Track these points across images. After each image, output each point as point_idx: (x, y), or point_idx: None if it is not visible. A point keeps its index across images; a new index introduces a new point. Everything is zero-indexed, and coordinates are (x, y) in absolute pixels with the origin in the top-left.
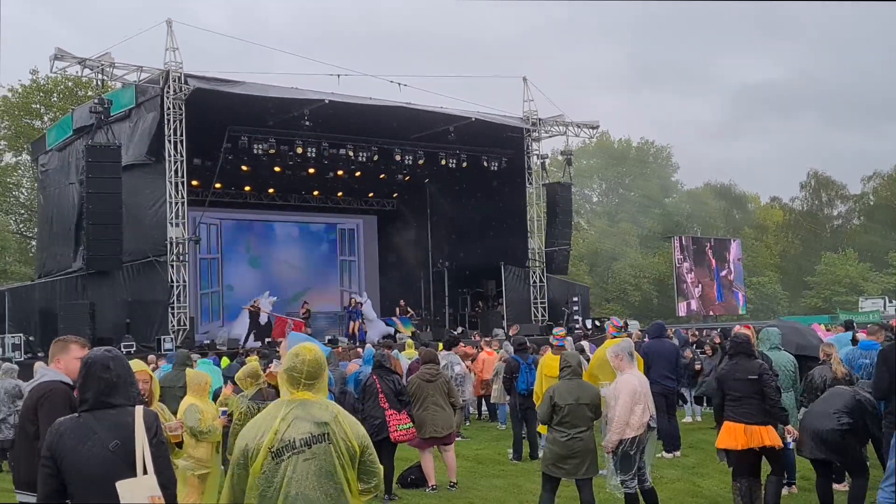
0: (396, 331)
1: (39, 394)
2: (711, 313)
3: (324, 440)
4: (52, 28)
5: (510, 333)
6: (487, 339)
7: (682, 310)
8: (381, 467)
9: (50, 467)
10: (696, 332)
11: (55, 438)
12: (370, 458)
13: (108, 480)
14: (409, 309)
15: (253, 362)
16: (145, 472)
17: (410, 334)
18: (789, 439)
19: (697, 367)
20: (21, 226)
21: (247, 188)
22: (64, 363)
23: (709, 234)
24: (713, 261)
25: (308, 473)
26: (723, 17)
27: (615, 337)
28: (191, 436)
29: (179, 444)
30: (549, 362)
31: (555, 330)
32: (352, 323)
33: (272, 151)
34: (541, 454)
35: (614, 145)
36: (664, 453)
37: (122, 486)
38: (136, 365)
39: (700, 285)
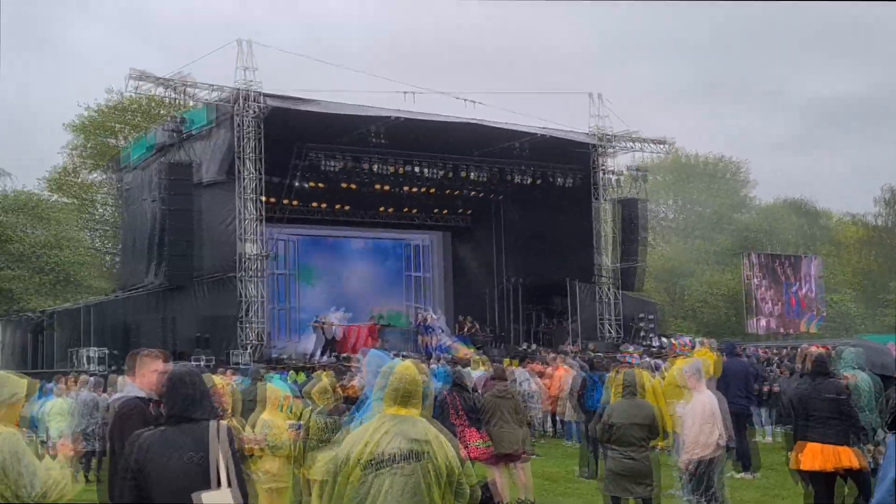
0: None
1: (122, 411)
2: (784, 331)
3: (417, 458)
4: (131, 49)
5: (578, 354)
6: (557, 355)
7: (753, 327)
8: (472, 490)
9: (133, 480)
10: (769, 350)
11: (140, 451)
12: (461, 481)
13: (189, 492)
14: (473, 323)
15: (325, 378)
16: (224, 485)
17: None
18: (880, 460)
19: (775, 388)
20: (102, 242)
21: (319, 205)
22: (139, 376)
23: (783, 250)
24: (787, 278)
25: (400, 489)
26: (795, 30)
27: (680, 356)
28: (259, 450)
29: (250, 457)
30: (619, 380)
31: (628, 348)
32: (422, 338)
33: (344, 168)
34: None
35: (686, 161)
36: (739, 473)
37: (203, 498)
38: (215, 380)
39: (773, 303)
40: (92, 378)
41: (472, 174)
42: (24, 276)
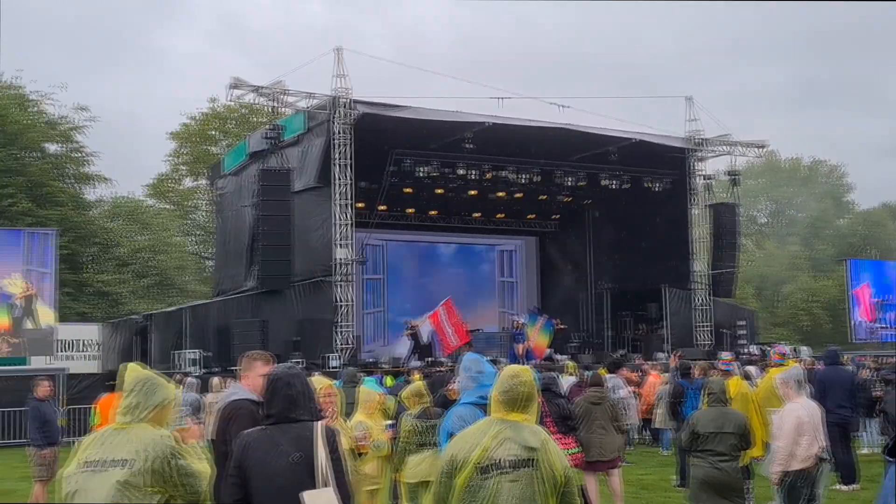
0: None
1: (228, 413)
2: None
3: (530, 465)
4: (229, 59)
5: (671, 364)
6: (650, 362)
7: (855, 336)
8: (579, 501)
9: (237, 476)
10: (875, 360)
11: (243, 450)
12: (571, 490)
13: (292, 491)
14: (562, 324)
15: (418, 381)
16: (326, 484)
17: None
18: None
19: (877, 394)
20: (199, 246)
21: (410, 210)
22: (250, 379)
23: (885, 257)
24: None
25: (511, 495)
26: (893, 31)
27: (779, 364)
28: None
29: (361, 455)
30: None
31: (722, 355)
32: (517, 345)
33: (435, 174)
34: None
35: (782, 165)
36: (840, 485)
37: (307, 497)
38: (320, 381)
39: (875, 311)
40: (196, 379)
41: (563, 179)
42: (129, 280)
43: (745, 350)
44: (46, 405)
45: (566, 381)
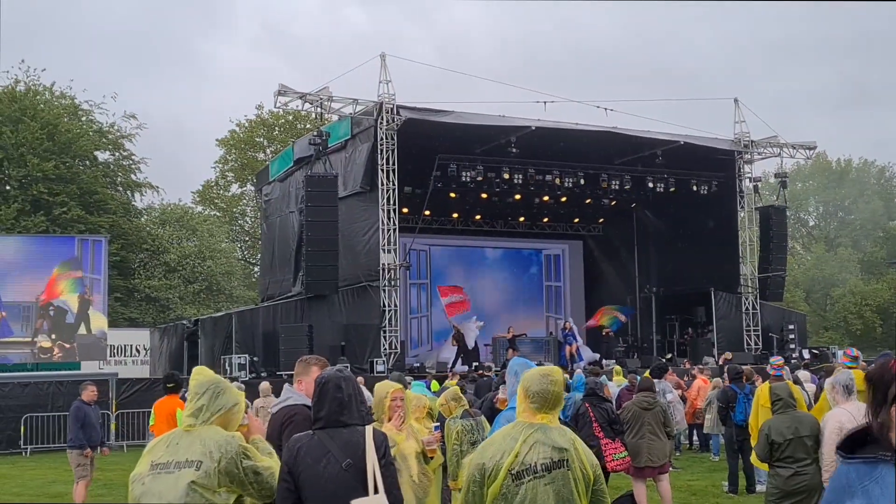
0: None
1: (283, 417)
2: None
3: (563, 466)
4: (274, 67)
5: (720, 362)
6: (698, 366)
7: None
8: (609, 498)
9: (288, 482)
10: None
11: (293, 455)
12: (601, 488)
13: (342, 498)
14: (608, 327)
15: (453, 385)
16: (376, 491)
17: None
18: None
19: None
20: (246, 252)
21: (454, 215)
22: (305, 384)
23: None
24: None
25: (547, 498)
26: None
27: (848, 366)
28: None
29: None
30: (764, 392)
31: (772, 359)
32: (567, 347)
33: (480, 178)
34: (759, 488)
35: (832, 166)
36: None
37: None
38: (390, 385)
39: None
40: (239, 384)
41: (608, 182)
42: (178, 285)
43: (795, 354)
44: (90, 408)
45: (614, 386)
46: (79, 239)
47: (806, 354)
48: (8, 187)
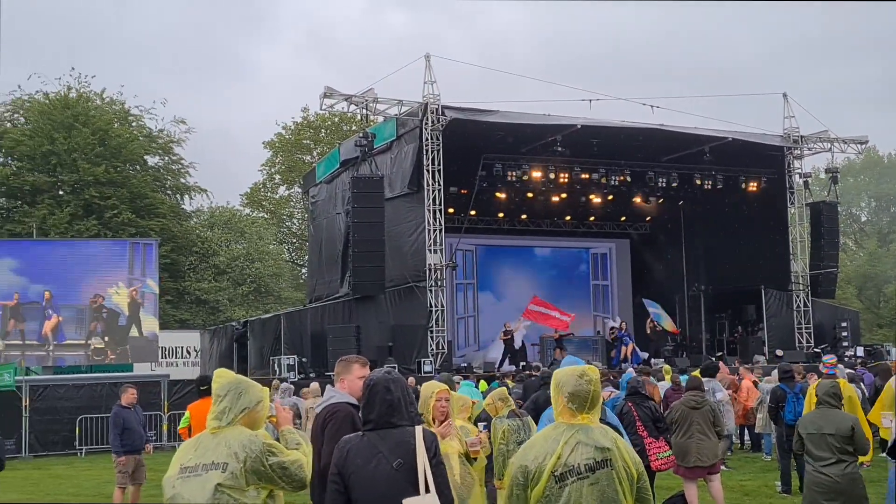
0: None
1: (325, 415)
2: None
3: (606, 466)
4: (318, 71)
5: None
6: (748, 365)
7: None
8: (652, 496)
9: (338, 483)
10: None
11: (342, 456)
12: (644, 486)
13: (393, 498)
14: (654, 322)
15: (501, 388)
16: (427, 490)
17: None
18: None
19: None
20: (293, 254)
21: (500, 214)
22: (347, 382)
23: None
24: None
25: (592, 499)
26: None
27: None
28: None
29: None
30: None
31: (825, 357)
32: (623, 348)
33: (525, 178)
34: None
35: (884, 161)
36: None
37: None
38: (434, 386)
39: None
40: (288, 384)
41: (655, 180)
42: (227, 287)
43: (849, 352)
44: (129, 412)
45: (665, 386)
46: (130, 242)
47: (860, 352)
48: (61, 192)
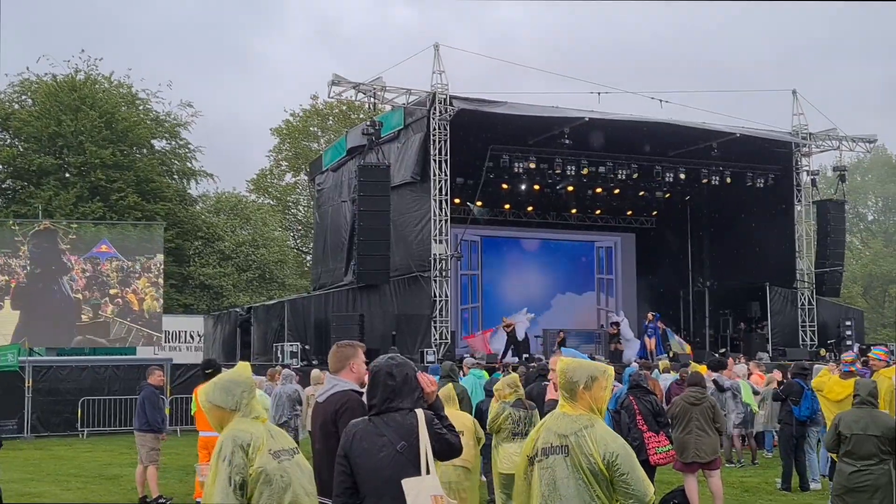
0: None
1: (338, 404)
2: None
3: (559, 453)
4: (325, 64)
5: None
6: (753, 362)
7: None
8: (646, 490)
9: (344, 466)
10: None
11: (349, 440)
12: (624, 479)
13: (397, 480)
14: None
15: (513, 374)
16: (428, 471)
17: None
18: None
19: None
20: (298, 241)
21: (506, 206)
22: (357, 366)
23: None
24: None
25: (544, 482)
26: None
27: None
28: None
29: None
30: (832, 386)
31: (843, 355)
32: (648, 340)
33: (532, 169)
34: (813, 486)
35: (892, 160)
36: None
37: (408, 484)
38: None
39: None
40: (294, 372)
41: (662, 175)
42: (231, 273)
43: (853, 351)
44: (158, 393)
45: (664, 379)
46: (135, 226)
47: (854, 350)
48: (67, 174)
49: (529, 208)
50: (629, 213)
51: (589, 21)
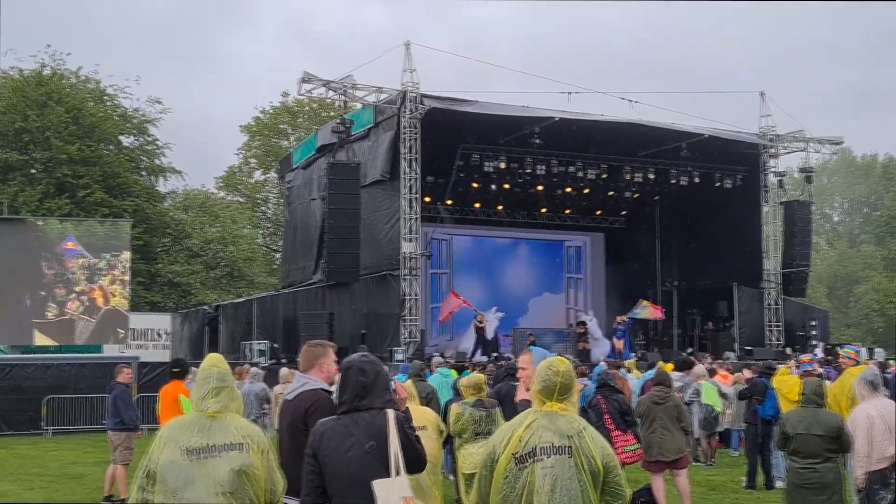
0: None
1: (309, 402)
2: None
3: (563, 453)
4: (296, 63)
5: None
6: (719, 361)
7: None
8: (628, 491)
9: (313, 465)
10: None
11: (317, 439)
12: (615, 480)
13: (366, 480)
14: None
15: (478, 374)
16: (398, 472)
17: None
18: None
19: None
20: (267, 239)
21: (476, 205)
22: (326, 366)
23: None
24: None
25: (547, 484)
26: None
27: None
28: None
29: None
30: (791, 385)
31: (802, 355)
32: (617, 341)
33: (502, 168)
34: (778, 484)
35: (857, 162)
36: None
37: (378, 486)
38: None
39: None
40: (258, 370)
41: (632, 175)
42: (199, 270)
43: (818, 350)
44: (129, 390)
45: (633, 379)
46: (102, 222)
47: (819, 351)
48: (33, 170)
49: (499, 207)
50: (598, 212)
51: (560, 21)
